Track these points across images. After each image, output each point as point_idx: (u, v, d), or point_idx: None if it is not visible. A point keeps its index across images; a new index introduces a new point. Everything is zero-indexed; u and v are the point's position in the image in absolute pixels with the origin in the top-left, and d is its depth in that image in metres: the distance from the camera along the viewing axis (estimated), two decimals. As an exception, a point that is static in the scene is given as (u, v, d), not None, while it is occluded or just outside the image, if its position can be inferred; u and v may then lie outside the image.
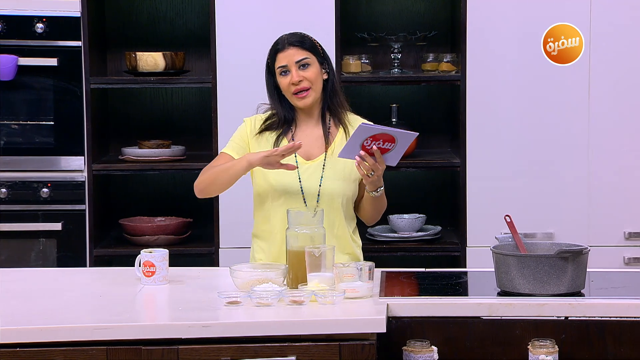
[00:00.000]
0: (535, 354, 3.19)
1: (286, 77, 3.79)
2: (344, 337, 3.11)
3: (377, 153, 3.57)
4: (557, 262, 3.33)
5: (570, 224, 4.90)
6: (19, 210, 4.99)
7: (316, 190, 3.80)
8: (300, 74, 3.77)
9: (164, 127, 5.38)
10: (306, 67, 3.79)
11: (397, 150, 3.57)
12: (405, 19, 5.33)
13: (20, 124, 5.00)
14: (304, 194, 3.79)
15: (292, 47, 3.79)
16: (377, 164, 3.58)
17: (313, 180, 3.80)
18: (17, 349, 3.07)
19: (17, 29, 4.94)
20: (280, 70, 3.80)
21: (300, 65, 3.78)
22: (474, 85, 4.89)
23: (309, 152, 3.85)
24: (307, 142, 3.84)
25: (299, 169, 3.80)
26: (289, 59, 3.79)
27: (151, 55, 5.00)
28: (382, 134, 3.53)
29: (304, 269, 3.40)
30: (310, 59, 3.79)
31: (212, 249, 4.99)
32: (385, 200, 3.84)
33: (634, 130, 4.89)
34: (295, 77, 3.77)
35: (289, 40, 3.81)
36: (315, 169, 3.82)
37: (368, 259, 3.71)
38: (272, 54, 3.84)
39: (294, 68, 3.78)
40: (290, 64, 3.78)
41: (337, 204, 3.80)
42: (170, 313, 3.39)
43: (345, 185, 3.80)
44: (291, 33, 3.86)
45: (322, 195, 3.79)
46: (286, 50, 3.79)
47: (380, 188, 3.72)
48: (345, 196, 3.82)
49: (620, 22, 4.86)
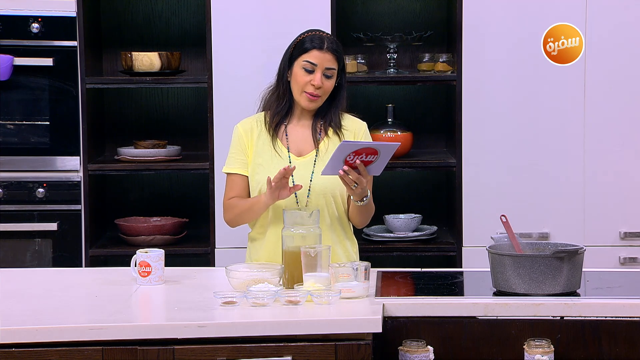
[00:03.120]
0: (530, 353, 3.19)
1: (309, 75, 3.80)
2: (340, 337, 3.11)
3: (361, 166, 3.60)
4: (553, 262, 3.34)
5: (565, 224, 4.90)
6: (14, 210, 4.98)
7: (307, 184, 3.82)
8: (323, 81, 3.80)
9: (160, 127, 5.38)
10: (330, 77, 3.82)
11: (380, 161, 3.60)
12: (401, 19, 5.33)
13: (15, 124, 5.00)
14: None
15: (330, 53, 3.80)
16: (361, 176, 3.60)
17: (304, 175, 3.82)
18: (13, 349, 3.06)
19: (13, 28, 4.93)
20: (307, 65, 3.80)
21: (326, 72, 3.80)
22: (470, 86, 4.90)
23: (301, 149, 3.87)
24: (300, 138, 3.88)
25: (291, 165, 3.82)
26: (322, 62, 3.80)
27: (147, 55, 5.00)
28: (365, 148, 3.55)
29: (300, 269, 3.40)
30: (335, 71, 3.82)
31: (208, 249, 4.99)
32: (373, 206, 3.85)
33: (629, 130, 4.90)
34: (317, 81, 3.79)
35: (329, 46, 3.80)
36: (307, 164, 3.84)
37: (364, 259, 3.72)
38: (308, 45, 3.81)
39: (320, 72, 3.79)
40: (320, 66, 3.79)
41: (328, 199, 3.83)
42: (166, 313, 3.39)
43: (336, 181, 3.81)
44: (328, 35, 3.85)
45: (312, 191, 3.81)
46: (324, 53, 3.79)
47: (365, 197, 3.74)
48: (336, 191, 3.83)
49: (616, 22, 4.86)
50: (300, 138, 3.87)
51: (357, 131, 3.91)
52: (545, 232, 4.90)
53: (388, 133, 5.03)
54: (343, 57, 3.86)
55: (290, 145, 3.86)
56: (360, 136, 3.91)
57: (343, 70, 3.87)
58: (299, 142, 3.87)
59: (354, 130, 3.91)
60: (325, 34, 3.86)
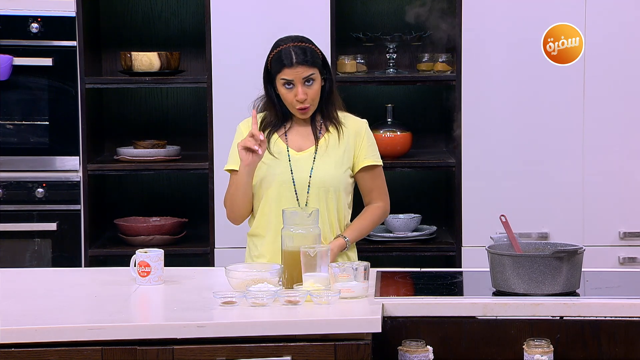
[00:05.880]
0: (530, 353, 3.19)
1: (290, 91, 3.81)
2: (339, 337, 3.11)
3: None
4: (552, 262, 3.33)
5: (565, 224, 4.90)
6: (13, 210, 4.98)
7: (306, 180, 3.82)
8: (305, 91, 3.80)
9: (159, 127, 5.38)
10: (311, 82, 3.82)
11: None
12: (400, 18, 5.33)
13: (15, 124, 5.00)
14: (295, 184, 3.82)
15: (300, 66, 3.79)
16: None
17: (304, 170, 3.84)
18: (12, 349, 3.06)
19: (12, 28, 4.93)
20: (285, 82, 3.81)
21: (305, 81, 3.80)
22: (469, 86, 4.89)
23: (300, 144, 3.89)
24: (300, 134, 3.89)
25: (291, 160, 3.84)
26: (296, 75, 3.79)
27: (146, 55, 5.00)
28: None
29: (299, 268, 3.40)
30: (315, 74, 3.82)
31: (207, 249, 4.99)
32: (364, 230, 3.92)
33: (628, 130, 4.90)
34: (301, 95, 3.79)
35: (297, 58, 3.78)
36: (306, 160, 3.85)
37: (363, 258, 3.71)
38: (277, 65, 3.81)
39: (300, 84, 3.80)
40: (297, 80, 3.80)
41: (327, 195, 3.84)
42: (166, 313, 3.39)
43: (336, 176, 3.82)
44: (296, 43, 3.82)
45: (312, 186, 3.83)
46: (294, 68, 3.79)
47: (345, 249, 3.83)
48: (335, 187, 3.84)
49: (616, 23, 4.86)
50: (301, 134, 3.89)
51: (359, 130, 3.92)
52: (544, 232, 4.90)
53: (387, 133, 5.03)
54: (318, 56, 3.83)
55: (290, 142, 3.87)
56: (362, 135, 3.91)
57: (324, 66, 3.86)
58: (298, 138, 3.88)
59: (356, 129, 3.91)
60: (292, 43, 3.82)
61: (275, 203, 3.82)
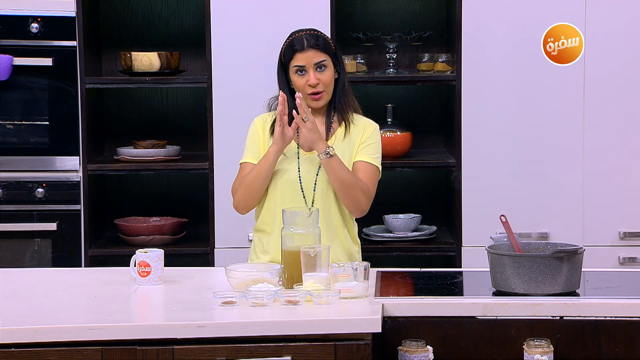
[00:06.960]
0: (530, 353, 3.19)
1: (303, 77, 3.82)
2: (339, 337, 3.11)
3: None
4: (552, 262, 3.34)
5: (565, 224, 4.90)
6: (13, 210, 4.98)
7: (313, 179, 3.83)
8: (317, 76, 3.82)
9: (159, 127, 5.38)
10: (323, 69, 3.83)
11: None
12: (400, 18, 5.33)
13: (15, 124, 5.00)
14: (301, 183, 3.83)
15: (311, 49, 3.81)
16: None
17: (311, 170, 3.85)
18: (12, 349, 3.06)
19: (12, 28, 4.93)
20: (297, 69, 3.83)
21: (317, 67, 3.81)
22: (469, 86, 4.89)
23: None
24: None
25: (299, 160, 3.85)
26: (308, 60, 3.82)
27: (146, 55, 5.00)
28: None
29: (299, 268, 3.40)
30: (327, 61, 3.84)
31: (207, 249, 4.99)
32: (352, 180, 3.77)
33: (628, 130, 4.90)
34: (312, 80, 3.81)
35: (308, 43, 3.82)
36: (314, 159, 3.86)
37: (363, 259, 3.72)
38: (290, 52, 3.84)
39: (312, 69, 3.82)
40: (308, 66, 3.82)
41: (333, 195, 3.83)
42: (166, 313, 3.39)
43: None
44: (308, 32, 3.87)
45: (318, 184, 3.83)
46: (305, 52, 3.82)
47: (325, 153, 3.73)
48: None
49: (615, 22, 4.86)
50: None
51: (366, 128, 3.92)
52: (544, 232, 4.90)
53: (387, 133, 5.02)
54: (330, 45, 3.86)
55: (301, 141, 3.86)
56: (367, 134, 3.91)
57: (337, 57, 3.88)
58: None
59: (363, 127, 3.91)
60: (304, 32, 3.86)
61: (281, 200, 3.82)
